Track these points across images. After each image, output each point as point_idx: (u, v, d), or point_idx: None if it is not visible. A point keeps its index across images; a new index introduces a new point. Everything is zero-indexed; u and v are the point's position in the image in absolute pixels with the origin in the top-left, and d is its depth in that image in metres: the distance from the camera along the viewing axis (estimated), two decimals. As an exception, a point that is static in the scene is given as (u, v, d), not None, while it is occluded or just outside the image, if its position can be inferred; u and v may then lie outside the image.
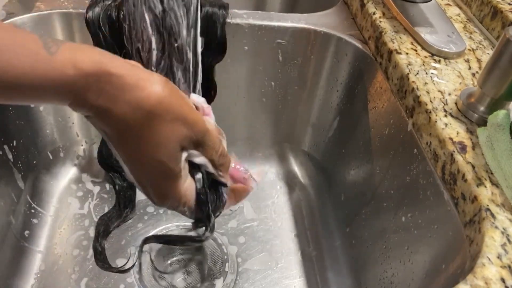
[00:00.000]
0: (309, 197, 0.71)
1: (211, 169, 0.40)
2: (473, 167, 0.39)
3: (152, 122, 0.33)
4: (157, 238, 0.57)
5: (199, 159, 0.38)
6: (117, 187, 0.64)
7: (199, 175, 0.40)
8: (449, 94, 0.46)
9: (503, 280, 0.32)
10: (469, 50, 0.52)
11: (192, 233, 0.48)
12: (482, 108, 0.43)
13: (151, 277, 0.58)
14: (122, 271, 0.58)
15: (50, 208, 0.64)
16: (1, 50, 0.29)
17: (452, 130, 0.42)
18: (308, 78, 0.64)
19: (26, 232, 0.60)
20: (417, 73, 0.48)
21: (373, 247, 0.54)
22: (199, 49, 0.47)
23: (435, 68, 0.49)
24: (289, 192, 0.72)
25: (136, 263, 0.59)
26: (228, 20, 0.56)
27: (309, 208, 0.70)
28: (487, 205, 0.36)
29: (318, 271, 0.62)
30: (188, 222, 0.65)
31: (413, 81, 0.47)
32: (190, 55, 0.45)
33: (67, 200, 0.66)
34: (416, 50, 0.52)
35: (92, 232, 0.62)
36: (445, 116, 0.43)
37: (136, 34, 0.44)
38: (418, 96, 0.45)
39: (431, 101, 0.45)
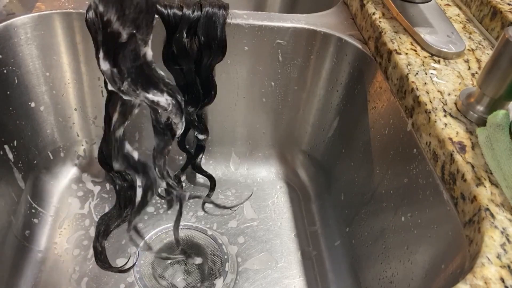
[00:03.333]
0: (309, 197, 0.71)
1: None
2: (473, 167, 0.39)
3: None
4: None
5: None
6: (117, 187, 0.64)
7: None
8: (449, 94, 0.46)
9: (502, 280, 0.32)
10: (469, 50, 0.53)
11: None
12: (481, 108, 0.43)
13: (151, 276, 0.58)
14: (122, 270, 0.58)
15: (50, 208, 0.64)
16: None
17: (452, 130, 0.42)
18: (308, 78, 0.64)
19: (27, 232, 0.60)
20: (417, 73, 0.48)
21: (372, 247, 0.54)
22: None
23: (434, 68, 0.49)
24: (289, 192, 0.72)
25: (136, 263, 0.59)
26: (228, 21, 0.57)
27: (309, 208, 0.70)
28: (487, 205, 0.36)
29: (318, 271, 0.62)
30: (188, 222, 0.65)
31: (412, 81, 0.47)
32: None
33: (67, 200, 0.66)
34: (415, 51, 0.52)
35: (92, 232, 0.62)
36: (445, 116, 0.43)
37: None
38: (418, 96, 0.46)
39: (430, 101, 0.45)
